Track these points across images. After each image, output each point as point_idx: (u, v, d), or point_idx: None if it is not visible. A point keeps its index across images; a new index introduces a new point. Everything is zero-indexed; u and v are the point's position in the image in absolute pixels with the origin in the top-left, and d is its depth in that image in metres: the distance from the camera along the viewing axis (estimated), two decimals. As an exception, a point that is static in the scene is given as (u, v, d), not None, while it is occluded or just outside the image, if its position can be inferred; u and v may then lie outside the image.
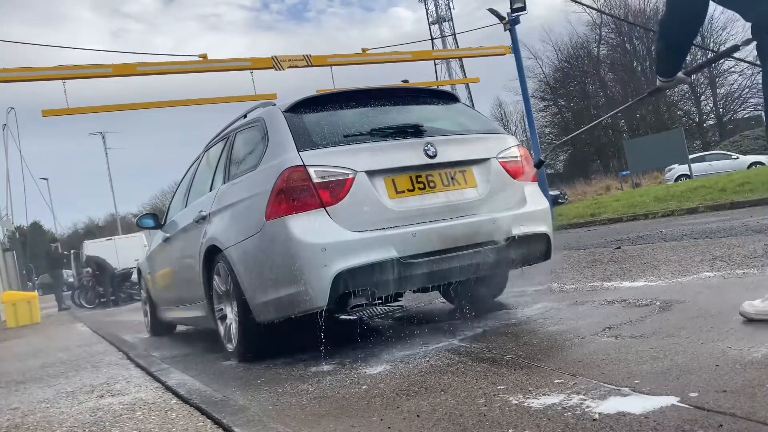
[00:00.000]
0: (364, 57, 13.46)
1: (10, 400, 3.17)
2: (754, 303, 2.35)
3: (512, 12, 13.93)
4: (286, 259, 2.94)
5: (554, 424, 1.65)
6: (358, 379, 2.57)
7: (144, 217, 5.16)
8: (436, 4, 45.76)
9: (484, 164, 3.38)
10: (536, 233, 3.41)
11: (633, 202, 11.99)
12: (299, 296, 2.94)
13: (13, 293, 11.70)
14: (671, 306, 2.91)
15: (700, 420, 1.51)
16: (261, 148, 3.35)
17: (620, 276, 4.18)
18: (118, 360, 4.14)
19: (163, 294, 5.18)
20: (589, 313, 3.12)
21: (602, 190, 28.96)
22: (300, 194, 2.97)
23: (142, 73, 11.30)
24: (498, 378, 2.22)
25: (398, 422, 1.91)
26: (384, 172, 3.10)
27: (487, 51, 15.16)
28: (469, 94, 39.77)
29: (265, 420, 2.04)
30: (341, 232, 2.94)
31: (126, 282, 15.72)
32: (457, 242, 3.11)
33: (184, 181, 5.02)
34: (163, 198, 53.20)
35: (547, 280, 4.70)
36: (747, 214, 7.31)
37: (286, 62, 12.23)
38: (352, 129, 3.25)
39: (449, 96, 3.93)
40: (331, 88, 11.17)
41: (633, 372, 1.99)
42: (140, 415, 2.40)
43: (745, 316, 2.35)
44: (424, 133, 3.28)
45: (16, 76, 10.45)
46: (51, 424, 2.48)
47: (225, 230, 3.46)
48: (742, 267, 3.58)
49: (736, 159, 23.07)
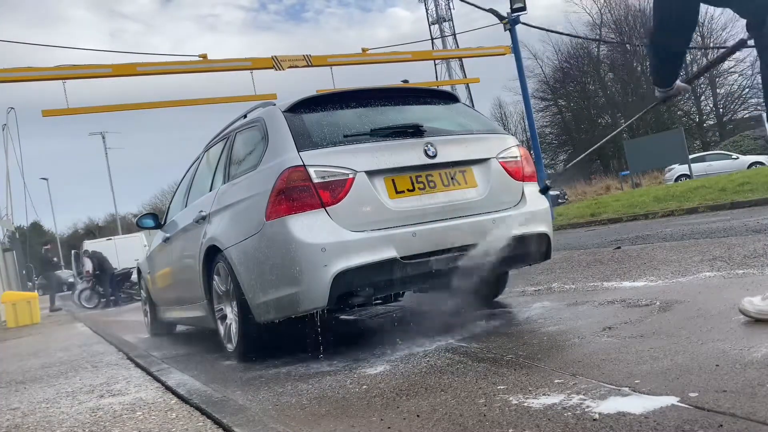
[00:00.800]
0: (364, 57, 13.46)
1: (10, 400, 3.17)
2: (753, 301, 2.32)
3: (512, 12, 13.93)
4: (286, 259, 2.94)
5: (554, 424, 1.65)
6: (358, 379, 2.57)
7: (144, 217, 5.17)
8: (436, 4, 45.76)
9: (484, 164, 3.38)
10: (536, 233, 3.41)
11: (633, 202, 11.99)
12: (299, 296, 2.94)
13: (13, 293, 11.70)
14: (671, 306, 2.91)
15: (700, 420, 1.51)
16: (261, 148, 3.35)
17: (620, 276, 4.18)
18: (118, 360, 4.14)
19: (163, 294, 5.18)
20: (589, 313, 3.12)
21: (602, 190, 28.97)
22: (300, 194, 2.97)
23: (142, 73, 11.30)
24: (498, 378, 2.22)
25: (398, 422, 1.91)
26: (384, 172, 3.10)
27: (487, 51, 15.17)
28: (469, 94, 39.79)
29: (265, 420, 2.04)
30: (341, 232, 2.94)
31: (126, 282, 15.72)
32: (457, 242, 3.12)
33: (184, 181, 5.02)
34: (163, 198, 53.21)
35: (547, 280, 4.70)
36: (747, 214, 7.31)
37: (286, 62, 12.23)
38: (352, 129, 3.25)
39: (449, 96, 3.93)
40: (331, 88, 11.18)
41: (633, 372, 1.99)
42: (140, 415, 2.40)
43: (746, 314, 2.33)
44: (424, 133, 3.28)
45: (16, 76, 10.46)
46: (51, 424, 2.48)
47: (225, 230, 3.46)
48: (742, 267, 3.58)
49: (736, 159, 23.07)
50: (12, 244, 19.28)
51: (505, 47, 14.78)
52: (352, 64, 13.50)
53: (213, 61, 11.95)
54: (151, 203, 57.09)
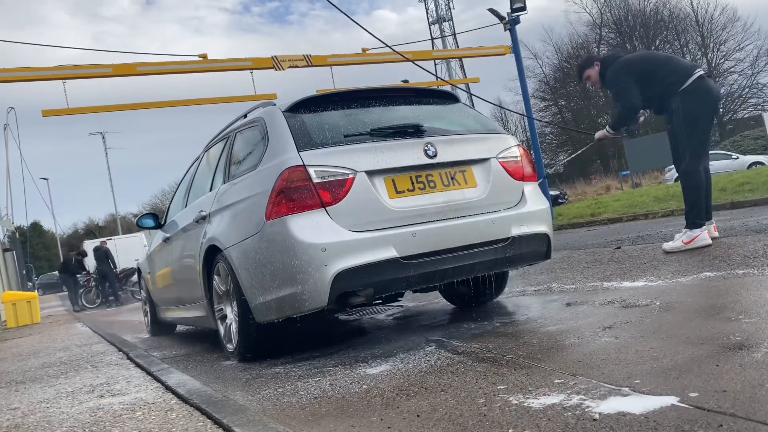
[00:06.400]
0: (364, 57, 13.45)
1: (10, 400, 3.17)
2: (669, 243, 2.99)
3: (512, 12, 13.93)
4: (286, 259, 2.94)
5: (554, 424, 1.65)
6: (358, 379, 2.57)
7: (144, 217, 5.17)
8: (436, 4, 45.74)
9: (484, 164, 3.38)
10: (536, 233, 3.41)
11: (633, 202, 11.98)
12: (299, 296, 2.94)
13: (13, 293, 11.69)
14: (671, 306, 2.90)
15: (700, 420, 1.51)
16: (261, 148, 3.35)
17: (620, 276, 4.17)
18: (118, 360, 4.14)
19: (163, 294, 5.18)
20: (588, 313, 3.12)
21: (602, 190, 28.98)
22: (300, 194, 2.97)
23: (142, 73, 11.29)
24: (498, 378, 2.21)
25: (398, 422, 1.91)
26: (384, 172, 3.10)
27: (487, 51, 15.16)
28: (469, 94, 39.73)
29: (265, 420, 2.04)
30: (341, 232, 2.94)
31: (128, 280, 15.75)
32: (457, 242, 3.11)
33: (184, 181, 5.02)
34: (163, 198, 53.21)
35: (547, 280, 4.70)
36: (747, 214, 7.31)
37: (286, 62, 12.23)
38: (352, 129, 3.25)
39: (449, 96, 3.93)
40: (331, 88, 11.18)
41: (633, 372, 1.99)
42: (140, 415, 2.40)
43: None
44: (424, 133, 3.28)
45: (16, 76, 10.45)
46: (51, 424, 2.48)
47: (225, 230, 3.46)
48: (742, 267, 3.58)
49: (736, 159, 23.07)
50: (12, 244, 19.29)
51: (505, 47, 14.78)
52: (352, 64, 13.49)
53: (213, 61, 11.95)
54: (151, 203, 57.13)
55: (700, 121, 4.65)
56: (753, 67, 38.75)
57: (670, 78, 4.65)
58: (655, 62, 4.86)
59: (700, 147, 4.70)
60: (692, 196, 4.73)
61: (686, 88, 4.60)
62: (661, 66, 4.76)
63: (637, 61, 4.89)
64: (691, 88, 4.59)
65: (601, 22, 42.89)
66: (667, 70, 4.70)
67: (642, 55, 5.40)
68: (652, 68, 4.76)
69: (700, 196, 4.74)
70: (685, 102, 4.60)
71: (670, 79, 4.65)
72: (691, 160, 4.68)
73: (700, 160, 4.73)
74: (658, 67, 4.75)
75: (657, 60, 4.93)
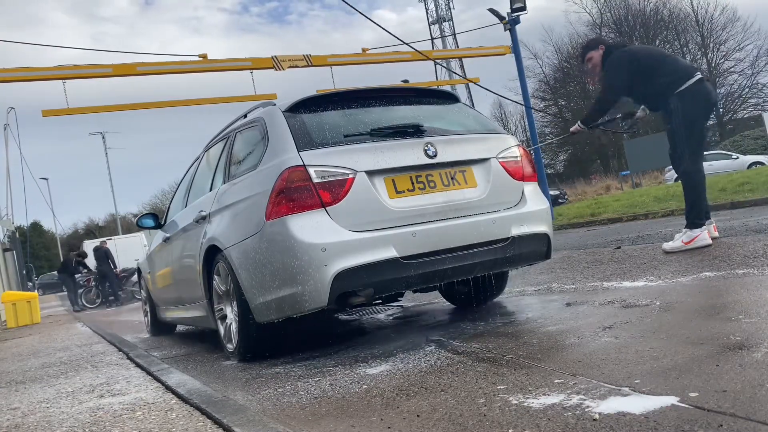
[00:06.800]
0: (364, 57, 13.45)
1: (10, 400, 3.17)
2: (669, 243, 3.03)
3: (512, 12, 13.92)
4: (286, 258, 2.94)
5: (554, 424, 1.65)
6: (358, 379, 2.57)
7: (144, 217, 5.17)
8: (436, 4, 45.72)
9: (484, 164, 3.38)
10: (536, 233, 3.41)
11: (633, 202, 11.98)
12: (299, 296, 2.94)
13: (13, 293, 11.69)
14: (671, 306, 2.90)
15: (700, 420, 1.51)
16: (261, 148, 3.35)
17: (620, 276, 4.17)
18: (118, 360, 4.14)
19: (163, 294, 5.18)
20: (588, 313, 3.12)
21: (602, 190, 28.99)
22: (300, 194, 2.97)
23: (142, 73, 11.29)
24: (498, 378, 2.21)
25: (398, 422, 1.91)
26: (384, 172, 3.10)
27: (487, 51, 15.15)
28: (469, 94, 39.76)
29: (265, 420, 2.04)
30: (341, 232, 2.94)
31: (128, 280, 15.75)
32: (457, 242, 3.11)
33: (184, 181, 5.02)
34: (163, 198, 53.20)
35: (547, 280, 4.70)
36: (747, 214, 7.31)
37: (286, 62, 12.22)
38: (352, 129, 3.25)
39: (449, 96, 3.93)
40: (331, 88, 11.17)
41: (633, 372, 1.99)
42: (140, 415, 2.40)
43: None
44: (424, 133, 3.28)
45: (16, 76, 10.45)
46: (51, 424, 2.48)
47: (225, 230, 3.46)
48: (742, 267, 3.58)
49: (736, 159, 23.07)
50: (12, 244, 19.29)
51: (505, 47, 14.77)
52: (352, 64, 13.49)
53: (213, 61, 11.94)
54: (151, 203, 57.13)
55: (698, 122, 4.69)
56: (753, 67, 38.77)
57: (670, 77, 4.67)
58: (657, 59, 4.87)
59: (698, 147, 4.73)
60: (692, 196, 4.74)
61: (685, 90, 4.61)
62: (662, 63, 4.78)
63: (641, 55, 4.89)
64: (690, 90, 4.61)
65: (601, 22, 42.89)
66: (668, 69, 4.71)
67: (648, 50, 5.35)
68: (654, 64, 4.77)
69: (700, 196, 4.75)
70: (685, 103, 4.61)
71: (670, 78, 4.66)
72: (690, 160, 4.69)
73: (699, 160, 4.75)
74: (660, 64, 4.76)
75: (660, 57, 4.94)
